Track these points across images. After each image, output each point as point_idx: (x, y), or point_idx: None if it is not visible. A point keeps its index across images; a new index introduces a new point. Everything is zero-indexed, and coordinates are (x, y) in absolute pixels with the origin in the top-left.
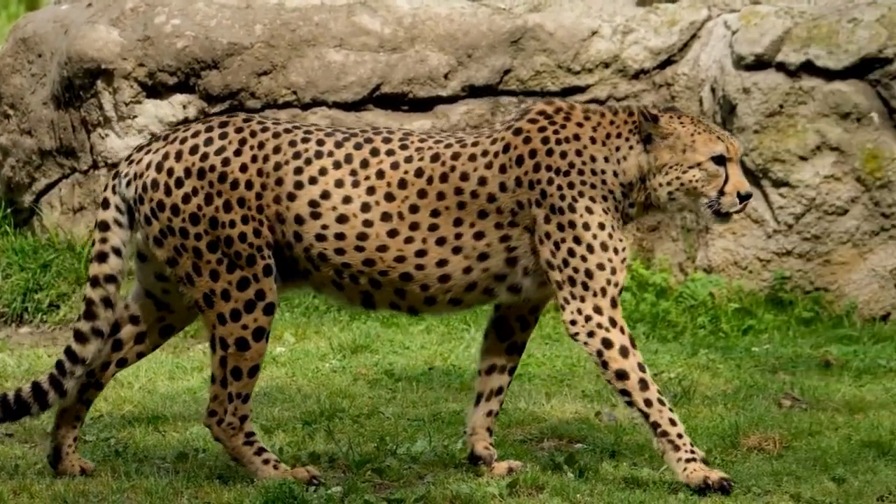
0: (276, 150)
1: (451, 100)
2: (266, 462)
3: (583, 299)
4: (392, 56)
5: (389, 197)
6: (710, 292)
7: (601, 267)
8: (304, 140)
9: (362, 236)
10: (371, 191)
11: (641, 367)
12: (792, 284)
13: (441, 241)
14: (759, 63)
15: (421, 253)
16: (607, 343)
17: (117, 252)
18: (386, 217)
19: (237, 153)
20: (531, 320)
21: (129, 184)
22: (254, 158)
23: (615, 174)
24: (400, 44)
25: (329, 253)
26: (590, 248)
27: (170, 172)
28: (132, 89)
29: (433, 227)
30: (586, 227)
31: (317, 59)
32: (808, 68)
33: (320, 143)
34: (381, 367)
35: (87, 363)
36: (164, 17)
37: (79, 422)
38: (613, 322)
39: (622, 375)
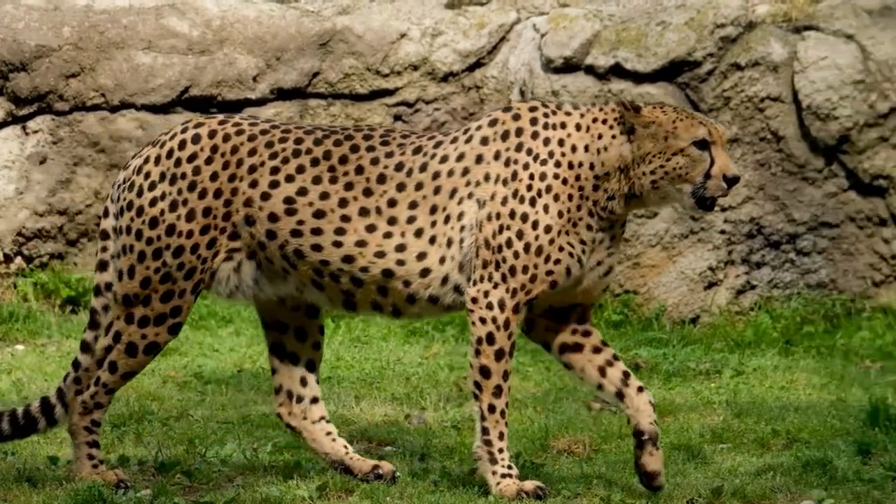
0: (252, 152)
1: (260, 102)
2: (90, 458)
3: (495, 286)
4: (201, 58)
5: (368, 192)
6: None
7: (525, 270)
8: (282, 140)
9: (340, 231)
10: (349, 186)
11: (505, 376)
12: None
13: (419, 233)
14: (568, 66)
15: (401, 247)
16: (490, 339)
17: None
18: (364, 212)
19: (208, 161)
20: (589, 328)
21: (119, 188)
22: (225, 165)
23: (591, 166)
24: (208, 46)
25: (305, 249)
26: (526, 248)
27: (146, 175)
28: None
29: (411, 220)
30: (535, 225)
31: (125, 61)
32: (617, 71)
33: (298, 141)
34: (191, 370)
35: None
36: None
37: (340, 441)
38: (507, 323)
39: (485, 373)
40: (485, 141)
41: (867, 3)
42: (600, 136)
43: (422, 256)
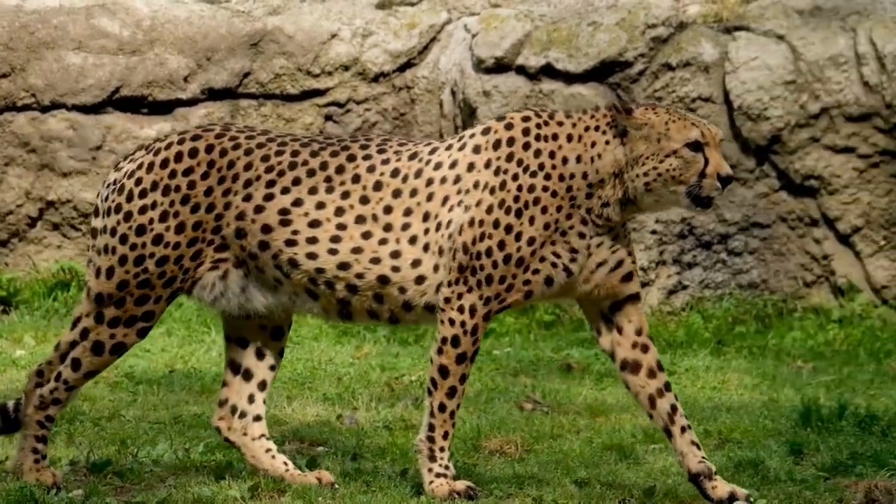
0: (248, 167)
1: (191, 102)
2: (35, 451)
3: (469, 290)
4: (131, 59)
5: (364, 199)
6: None
7: (502, 280)
8: (279, 153)
9: (336, 238)
10: (346, 195)
11: (462, 379)
12: None
13: (413, 240)
14: (499, 66)
15: (396, 254)
16: (455, 341)
17: None
18: (360, 219)
19: (204, 176)
20: (646, 342)
21: (109, 189)
22: (221, 180)
23: (584, 175)
24: (139, 46)
25: (300, 258)
26: (506, 259)
27: (138, 181)
28: None
29: (405, 227)
30: (518, 237)
31: (56, 61)
32: (549, 71)
33: (295, 153)
34: (122, 370)
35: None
36: None
37: (272, 451)
38: (475, 329)
39: (444, 372)
40: (477, 149)
41: (798, 4)
42: (593, 144)
43: (416, 264)
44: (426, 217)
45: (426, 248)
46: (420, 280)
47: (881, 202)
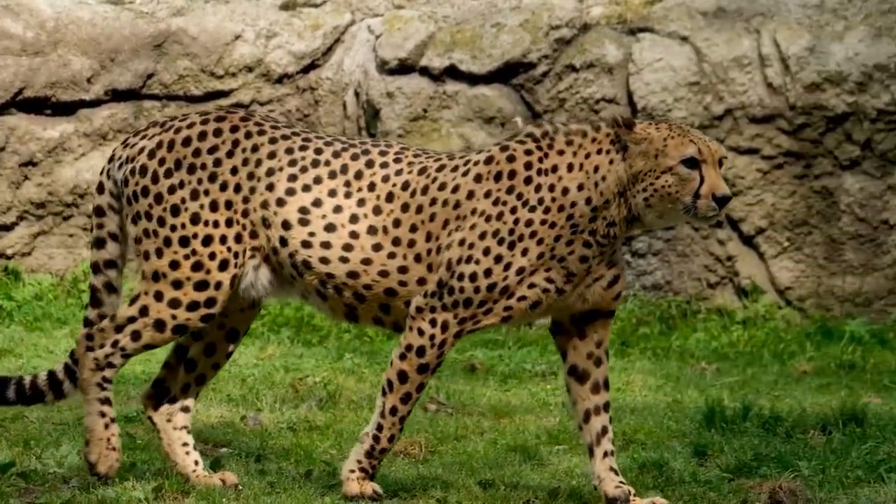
0: (272, 155)
1: (95, 104)
2: (102, 415)
3: (444, 308)
4: (35, 60)
5: (377, 210)
6: None
7: (482, 304)
8: (303, 148)
9: (348, 247)
10: (361, 203)
11: (419, 387)
12: None
13: (418, 258)
14: (403, 67)
15: (403, 269)
16: (421, 351)
17: (114, 237)
18: (372, 230)
19: (229, 155)
20: (602, 356)
21: (120, 167)
22: (245, 162)
23: (587, 201)
24: (43, 48)
25: (313, 261)
26: (490, 287)
27: (161, 161)
28: None
29: (411, 244)
30: (507, 267)
31: None
32: (452, 73)
33: (318, 151)
34: (26, 371)
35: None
36: None
37: (189, 447)
38: (442, 344)
39: (402, 378)
40: (478, 178)
41: (702, 5)
42: (596, 169)
43: (422, 282)
44: (429, 237)
45: (430, 267)
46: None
47: (785, 203)
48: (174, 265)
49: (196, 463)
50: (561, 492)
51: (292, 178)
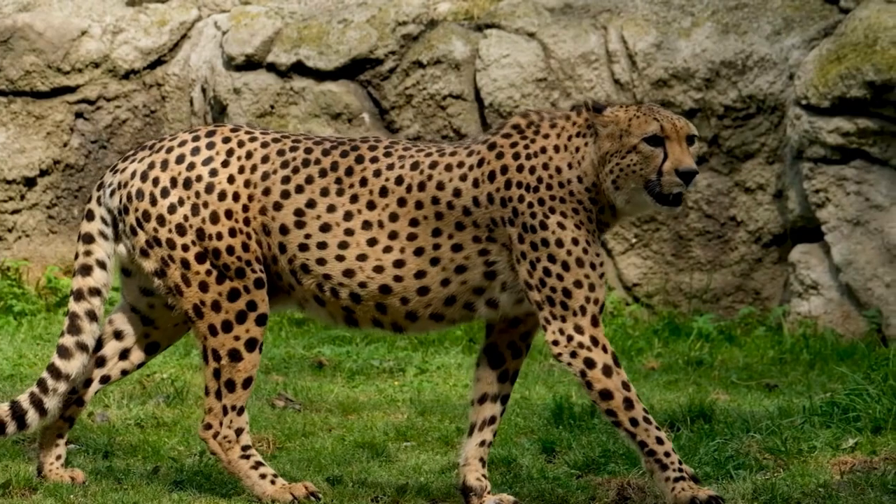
0: (265, 159)
1: None
2: (263, 477)
3: (563, 319)
4: None
5: (371, 205)
6: None
7: (578, 285)
8: (293, 149)
9: (343, 245)
10: (354, 199)
11: (626, 386)
12: None
13: (419, 252)
14: (250, 63)
15: (399, 263)
16: (590, 363)
17: (102, 265)
18: (366, 225)
19: (224, 164)
20: (523, 347)
21: (112, 194)
22: (241, 169)
23: (579, 179)
24: None
25: (311, 263)
26: (565, 266)
27: (155, 182)
28: None
29: (412, 237)
30: (559, 243)
31: None
32: (299, 69)
33: (308, 150)
34: None
35: (71, 379)
36: None
37: (61, 439)
38: (595, 341)
39: (606, 395)
40: (476, 184)
41: (548, 2)
42: (577, 149)
43: (420, 275)
44: (436, 233)
45: (434, 262)
46: (423, 291)
47: None
48: (203, 287)
49: (58, 458)
50: (409, 488)
51: (286, 179)
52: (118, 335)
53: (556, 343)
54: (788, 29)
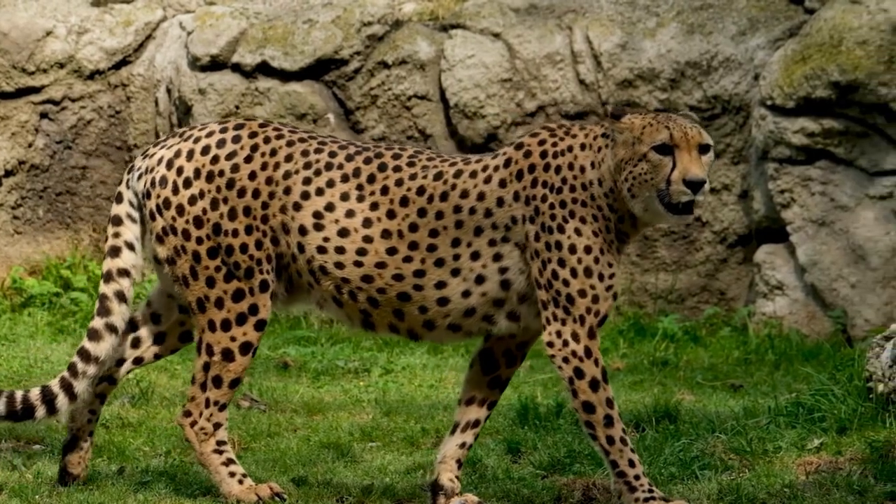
0: (288, 158)
1: None
2: (232, 475)
3: (563, 322)
4: None
5: (391, 214)
6: None
7: (583, 294)
8: (318, 150)
9: (362, 251)
10: (374, 206)
11: (609, 403)
12: None
13: (440, 263)
14: (215, 64)
15: (419, 273)
16: (579, 373)
17: (130, 246)
18: (386, 234)
19: (247, 160)
20: (518, 356)
21: (140, 178)
22: (263, 166)
23: (599, 182)
24: None
25: (329, 266)
26: (573, 273)
27: (179, 171)
28: None
29: (432, 248)
30: (572, 249)
31: None
32: (264, 69)
33: (332, 154)
34: None
35: (101, 361)
36: None
37: (94, 415)
38: (588, 352)
39: (589, 408)
40: (503, 183)
41: (514, 2)
42: (600, 149)
43: (441, 285)
44: (456, 243)
45: (455, 272)
46: (443, 302)
47: None
48: (210, 282)
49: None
50: (374, 489)
51: (307, 181)
52: (155, 318)
53: (551, 344)
54: (753, 29)
